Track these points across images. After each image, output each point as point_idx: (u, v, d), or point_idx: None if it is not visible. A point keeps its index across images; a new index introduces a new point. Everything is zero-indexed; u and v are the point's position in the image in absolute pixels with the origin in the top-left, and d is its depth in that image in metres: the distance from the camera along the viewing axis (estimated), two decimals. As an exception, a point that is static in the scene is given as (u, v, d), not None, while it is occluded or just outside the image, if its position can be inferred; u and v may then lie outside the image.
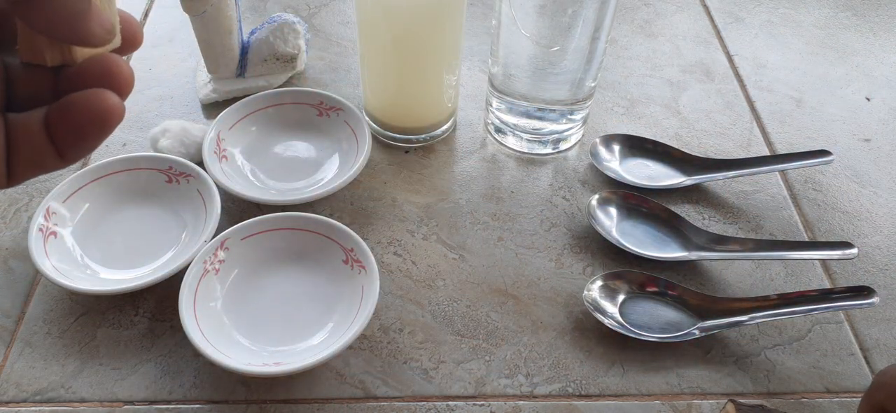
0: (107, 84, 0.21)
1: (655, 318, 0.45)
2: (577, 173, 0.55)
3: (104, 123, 0.20)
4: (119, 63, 0.21)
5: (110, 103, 0.20)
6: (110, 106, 0.20)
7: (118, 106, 0.20)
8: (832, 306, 0.44)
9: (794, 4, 0.74)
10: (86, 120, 0.20)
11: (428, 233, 0.51)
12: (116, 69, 0.21)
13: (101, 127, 0.20)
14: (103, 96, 0.20)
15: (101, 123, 0.20)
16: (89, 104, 0.20)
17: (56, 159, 0.21)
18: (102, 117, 0.20)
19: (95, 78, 0.21)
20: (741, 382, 0.43)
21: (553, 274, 0.48)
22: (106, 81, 0.21)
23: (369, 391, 0.42)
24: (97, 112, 0.20)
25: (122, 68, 0.21)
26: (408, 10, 0.49)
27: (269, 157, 0.54)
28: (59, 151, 0.21)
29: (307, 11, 0.70)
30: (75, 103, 0.20)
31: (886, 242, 0.52)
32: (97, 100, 0.20)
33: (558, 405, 0.42)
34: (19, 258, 0.48)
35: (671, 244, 0.49)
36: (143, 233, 0.48)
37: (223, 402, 0.41)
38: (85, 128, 0.20)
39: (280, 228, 0.47)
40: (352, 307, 0.43)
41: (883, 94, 0.64)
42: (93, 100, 0.20)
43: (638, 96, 0.63)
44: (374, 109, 0.56)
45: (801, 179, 0.56)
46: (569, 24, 0.48)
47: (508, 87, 0.54)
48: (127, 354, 0.43)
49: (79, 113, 0.20)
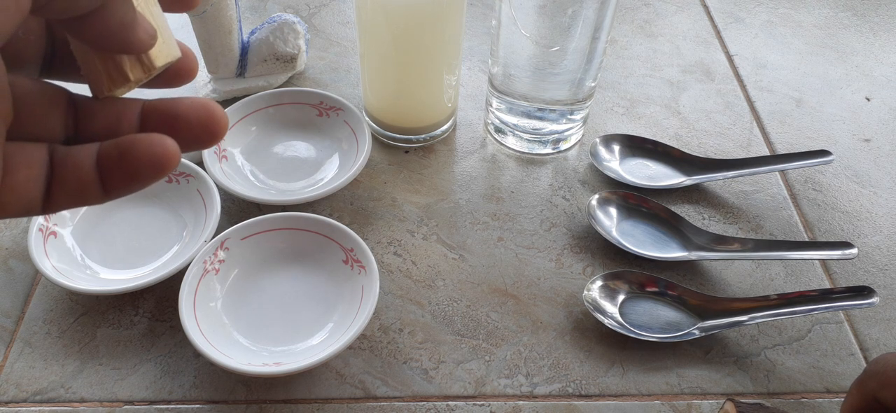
0: (201, 127, 0.21)
1: (655, 318, 0.45)
2: (577, 173, 0.55)
3: (161, 169, 0.20)
4: (215, 109, 0.21)
5: (170, 150, 0.20)
6: (170, 153, 0.20)
7: (176, 153, 0.20)
8: (832, 306, 0.44)
9: (794, 4, 0.74)
10: (144, 163, 0.20)
11: (428, 233, 0.51)
12: (213, 115, 0.21)
13: (157, 172, 0.20)
14: (164, 143, 0.20)
15: (159, 168, 0.20)
16: (151, 148, 0.20)
17: (100, 196, 0.21)
18: (161, 162, 0.20)
19: (189, 121, 0.21)
20: (741, 382, 0.43)
21: (553, 274, 0.48)
22: (201, 125, 0.21)
23: (369, 391, 0.42)
24: (157, 157, 0.20)
25: (219, 115, 0.21)
26: (408, 10, 0.49)
27: (269, 157, 0.54)
28: (106, 189, 0.21)
29: (307, 11, 0.70)
30: (136, 145, 0.20)
31: (886, 242, 0.52)
32: (159, 145, 0.20)
33: (558, 405, 0.42)
34: (19, 258, 0.48)
35: (671, 244, 0.49)
36: (143, 233, 0.48)
37: (223, 402, 0.41)
38: (141, 171, 0.20)
39: (280, 228, 0.47)
40: (352, 307, 0.43)
41: (883, 94, 0.64)
42: (155, 144, 0.20)
43: (638, 96, 0.63)
44: (374, 109, 0.56)
45: (801, 179, 0.56)
46: (569, 24, 0.48)
47: (508, 87, 0.54)
48: (127, 354, 0.43)
49: (138, 156, 0.20)
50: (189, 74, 0.23)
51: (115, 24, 0.19)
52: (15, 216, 0.20)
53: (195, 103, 0.21)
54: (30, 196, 0.20)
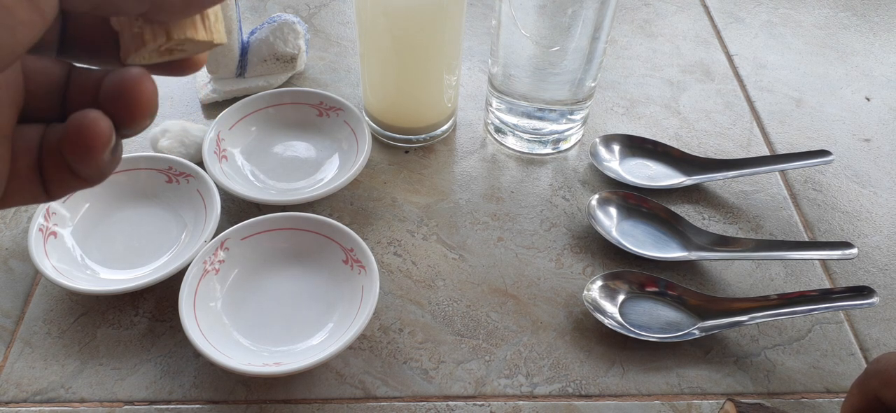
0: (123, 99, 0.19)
1: (655, 318, 0.45)
2: (577, 173, 0.55)
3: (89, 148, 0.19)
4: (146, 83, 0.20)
5: (101, 127, 0.19)
6: (100, 129, 0.19)
7: (106, 129, 0.19)
8: (832, 306, 0.44)
9: (794, 4, 0.74)
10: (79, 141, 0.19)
11: (428, 233, 0.51)
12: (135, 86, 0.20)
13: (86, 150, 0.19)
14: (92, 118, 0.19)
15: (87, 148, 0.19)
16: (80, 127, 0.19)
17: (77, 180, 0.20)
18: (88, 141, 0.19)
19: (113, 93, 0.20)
20: (741, 382, 0.43)
21: (553, 274, 0.48)
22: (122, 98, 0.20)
23: (369, 391, 0.42)
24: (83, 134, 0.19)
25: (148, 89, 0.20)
26: (408, 10, 0.49)
27: (269, 157, 0.54)
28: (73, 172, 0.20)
29: (307, 11, 0.70)
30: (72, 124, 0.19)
31: (886, 242, 0.52)
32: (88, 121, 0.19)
33: (558, 405, 0.42)
34: (19, 258, 0.48)
35: (671, 244, 0.49)
36: (143, 233, 0.48)
37: (223, 402, 0.41)
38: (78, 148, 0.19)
39: (280, 228, 0.47)
40: (352, 307, 0.43)
41: (883, 94, 0.64)
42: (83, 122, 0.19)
43: (638, 96, 0.63)
44: (374, 109, 0.56)
45: (801, 179, 0.56)
46: (569, 24, 0.48)
47: (508, 87, 0.54)
48: (127, 354, 0.43)
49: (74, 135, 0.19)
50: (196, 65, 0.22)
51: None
52: (22, 204, 0.20)
53: (119, 75, 0.20)
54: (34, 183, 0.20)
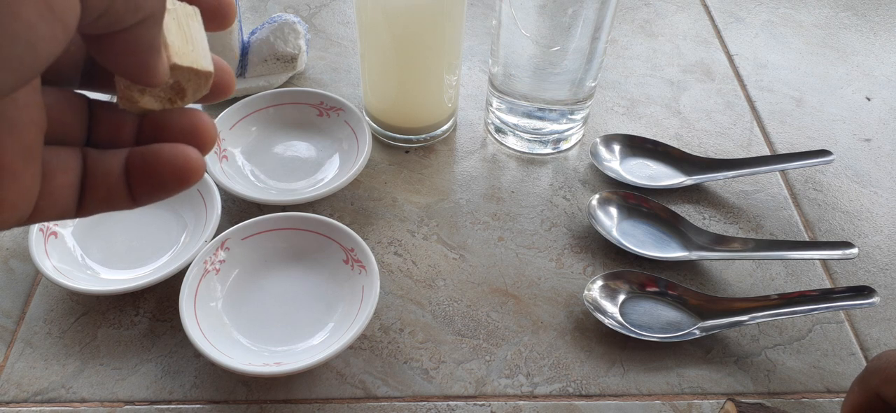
0: (190, 138, 0.21)
1: (655, 317, 0.45)
2: (577, 173, 0.55)
3: (185, 180, 0.20)
4: (204, 119, 0.21)
5: (194, 161, 0.20)
6: (194, 164, 0.20)
7: (200, 164, 0.21)
8: (832, 306, 0.44)
9: (794, 4, 0.74)
10: (168, 173, 0.20)
11: (428, 233, 0.51)
12: (202, 125, 0.21)
13: (181, 182, 0.20)
14: (187, 153, 0.20)
15: (183, 179, 0.20)
16: (174, 159, 0.20)
17: (129, 202, 0.21)
18: (185, 173, 0.20)
19: (179, 131, 0.21)
20: (741, 382, 0.43)
21: (553, 274, 0.48)
22: (189, 135, 0.21)
23: (369, 391, 0.42)
24: (180, 168, 0.20)
25: (207, 125, 0.21)
26: (408, 10, 0.49)
27: (270, 157, 0.54)
28: (133, 196, 0.21)
29: (307, 11, 0.70)
30: (160, 155, 0.20)
31: (887, 242, 0.52)
32: (182, 155, 0.20)
33: (558, 405, 0.42)
34: (20, 258, 0.48)
35: (671, 244, 0.49)
36: (144, 233, 0.48)
37: (223, 402, 0.41)
38: (166, 181, 0.20)
39: (280, 228, 0.47)
40: (352, 307, 0.43)
41: (883, 94, 0.64)
42: (179, 155, 0.20)
43: (638, 96, 0.63)
44: (374, 109, 0.56)
45: (801, 179, 0.56)
46: (569, 24, 0.48)
47: (509, 87, 0.54)
48: (127, 354, 0.43)
49: (162, 165, 0.20)
50: (227, 90, 0.23)
51: (139, 50, 0.18)
52: (50, 220, 0.21)
53: (184, 115, 0.21)
54: (66, 201, 0.20)
